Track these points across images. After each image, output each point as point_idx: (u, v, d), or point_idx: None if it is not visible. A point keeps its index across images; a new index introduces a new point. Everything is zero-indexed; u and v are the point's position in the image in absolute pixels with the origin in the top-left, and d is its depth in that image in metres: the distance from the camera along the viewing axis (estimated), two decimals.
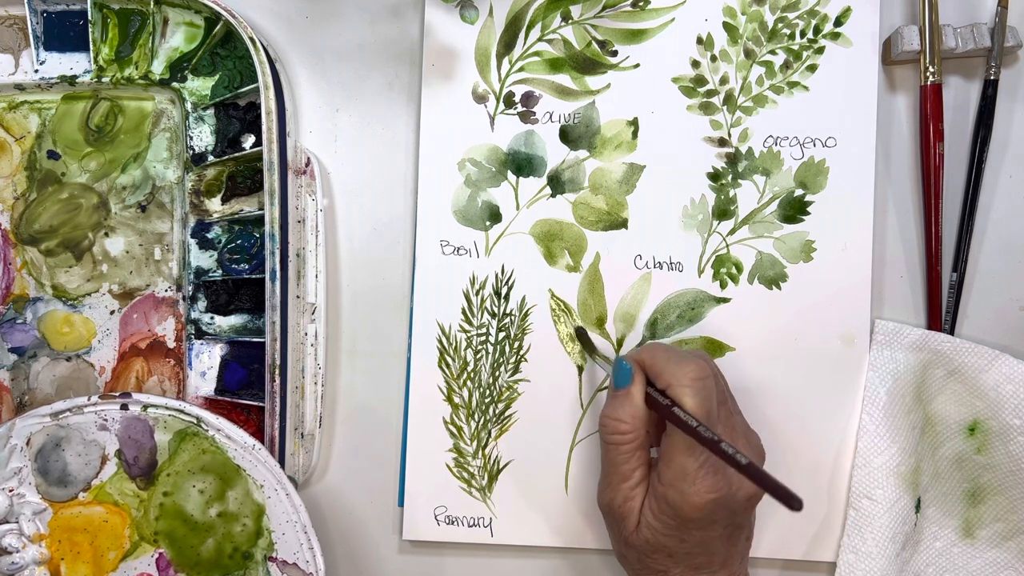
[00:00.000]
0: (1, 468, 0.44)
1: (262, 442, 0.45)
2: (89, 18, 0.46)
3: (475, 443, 0.48)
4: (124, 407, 0.44)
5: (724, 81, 0.47)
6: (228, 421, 0.44)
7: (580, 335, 0.47)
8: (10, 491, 0.44)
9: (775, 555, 0.47)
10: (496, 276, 0.48)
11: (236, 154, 0.46)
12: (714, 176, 0.47)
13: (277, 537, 0.44)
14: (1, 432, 0.44)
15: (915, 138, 0.48)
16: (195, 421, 0.44)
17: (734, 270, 0.47)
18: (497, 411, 0.48)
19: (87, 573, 0.44)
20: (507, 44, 0.48)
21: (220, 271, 0.47)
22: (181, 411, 0.44)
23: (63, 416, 0.44)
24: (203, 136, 0.47)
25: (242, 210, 0.47)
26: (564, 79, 0.47)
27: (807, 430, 0.47)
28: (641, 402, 0.40)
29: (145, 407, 0.44)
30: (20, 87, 0.48)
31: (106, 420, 0.44)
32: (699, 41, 0.47)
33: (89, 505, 0.44)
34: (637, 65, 0.47)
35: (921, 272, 0.48)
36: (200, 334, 0.47)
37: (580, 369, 0.47)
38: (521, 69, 0.48)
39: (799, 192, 0.47)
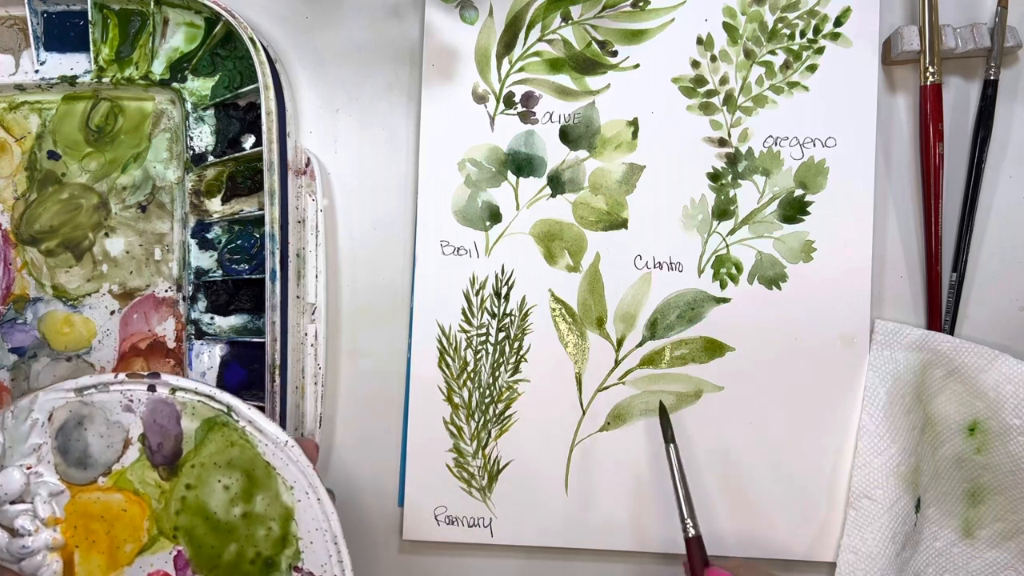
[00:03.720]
0: (20, 443, 0.40)
1: None
2: (89, 18, 0.46)
3: (475, 443, 0.48)
4: (152, 388, 0.41)
5: (724, 81, 0.47)
6: (261, 413, 0.41)
7: (662, 414, 0.46)
8: (28, 468, 0.40)
9: (775, 555, 0.47)
10: (496, 276, 0.48)
11: (236, 154, 0.46)
12: (714, 176, 0.47)
13: (304, 546, 0.40)
14: (23, 404, 0.41)
15: (915, 138, 0.48)
16: (225, 410, 0.41)
17: (734, 270, 0.47)
18: (497, 411, 0.48)
19: (101, 564, 0.41)
20: (507, 44, 0.48)
21: (220, 271, 0.47)
22: (212, 397, 0.41)
23: (88, 392, 0.41)
24: (203, 136, 0.47)
25: (242, 210, 0.47)
26: (564, 79, 0.47)
27: (807, 430, 0.47)
28: None
29: (174, 390, 0.41)
30: (20, 87, 0.48)
31: (132, 401, 0.41)
32: (699, 41, 0.47)
33: (108, 491, 0.41)
34: (637, 65, 0.47)
35: (921, 272, 0.48)
36: (200, 334, 0.47)
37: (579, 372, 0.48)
38: (521, 69, 0.48)
39: (799, 192, 0.47)
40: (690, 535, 0.43)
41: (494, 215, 0.48)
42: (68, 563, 0.41)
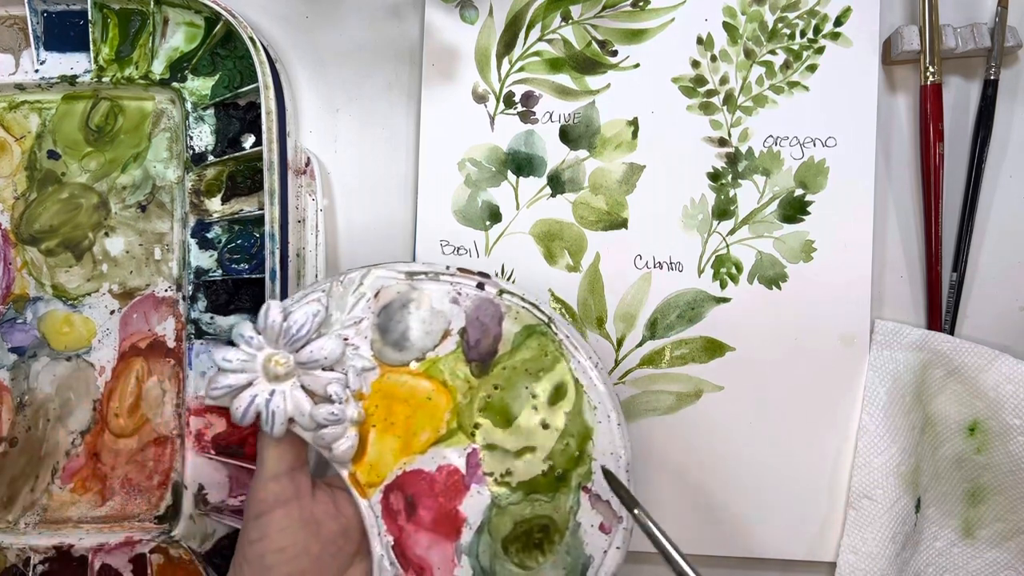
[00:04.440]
0: (343, 313, 0.40)
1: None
2: (89, 18, 0.46)
3: None
4: (480, 286, 0.41)
5: (724, 81, 0.47)
6: (577, 331, 0.41)
7: (609, 479, 0.41)
8: (345, 340, 0.40)
9: (775, 555, 0.47)
10: (496, 276, 0.48)
11: (236, 154, 0.46)
12: (714, 176, 0.47)
13: (596, 468, 0.40)
14: (354, 277, 0.41)
15: (915, 138, 0.48)
16: (546, 320, 0.41)
17: (734, 270, 0.47)
18: None
19: (394, 447, 0.40)
20: (507, 44, 0.48)
21: (220, 271, 0.47)
22: (536, 306, 0.41)
23: (418, 278, 0.41)
24: (203, 136, 0.47)
25: (242, 210, 0.47)
26: (564, 79, 0.47)
27: (807, 430, 0.47)
28: None
29: (501, 292, 0.41)
30: (20, 87, 0.48)
31: (460, 294, 0.41)
32: (699, 41, 0.47)
33: (417, 376, 0.40)
34: (637, 65, 0.47)
35: (921, 272, 0.48)
36: (200, 334, 0.47)
37: None
38: (521, 69, 0.48)
39: (799, 192, 0.47)
40: None
41: (494, 215, 0.48)
42: (362, 440, 0.40)
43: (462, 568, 0.40)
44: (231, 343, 0.39)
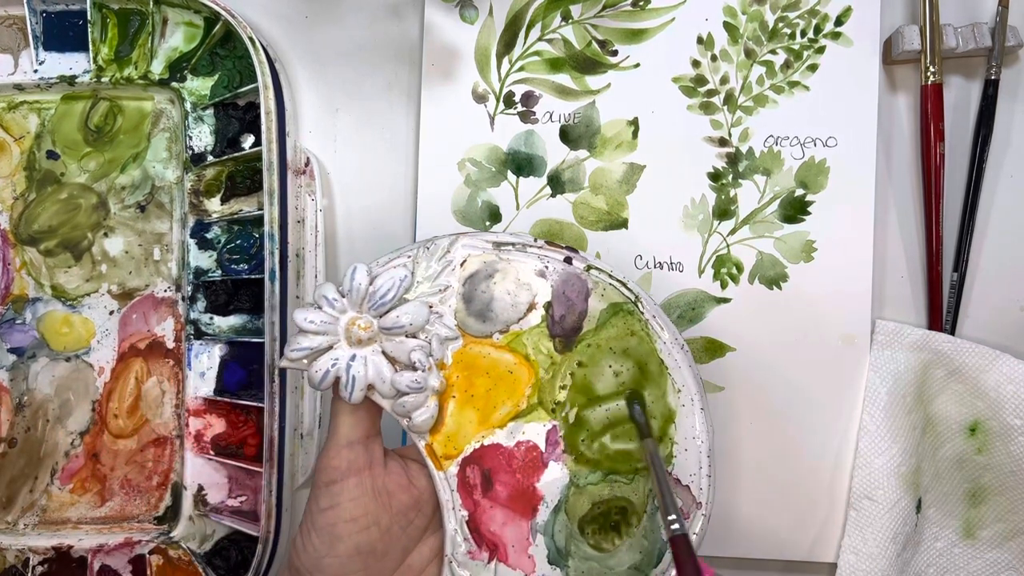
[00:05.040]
0: (429, 281, 0.39)
1: (259, 444, 0.45)
2: (88, 18, 0.46)
3: None
4: (568, 260, 0.40)
5: (724, 81, 0.47)
6: (663, 312, 0.41)
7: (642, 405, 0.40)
8: (430, 307, 0.39)
9: (776, 556, 0.47)
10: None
11: (235, 154, 0.46)
12: (714, 176, 0.47)
13: (678, 451, 0.39)
14: (443, 244, 0.40)
15: (916, 138, 0.48)
16: (633, 299, 0.40)
17: (734, 270, 0.47)
18: None
19: (472, 420, 0.39)
20: (507, 44, 0.48)
21: (219, 271, 0.47)
22: (624, 284, 0.40)
23: (506, 248, 0.40)
24: (202, 136, 0.47)
25: (241, 210, 0.47)
26: (564, 79, 0.47)
27: (807, 430, 0.47)
28: None
29: (589, 268, 0.40)
30: (19, 87, 0.48)
31: (547, 267, 0.40)
32: (699, 41, 0.47)
33: (500, 349, 0.39)
34: (637, 65, 0.47)
35: (922, 272, 0.48)
36: (199, 334, 0.47)
37: None
38: (521, 69, 0.48)
39: (800, 192, 0.47)
40: (676, 532, 0.36)
41: (494, 215, 0.48)
42: (440, 411, 0.39)
43: (536, 547, 0.39)
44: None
